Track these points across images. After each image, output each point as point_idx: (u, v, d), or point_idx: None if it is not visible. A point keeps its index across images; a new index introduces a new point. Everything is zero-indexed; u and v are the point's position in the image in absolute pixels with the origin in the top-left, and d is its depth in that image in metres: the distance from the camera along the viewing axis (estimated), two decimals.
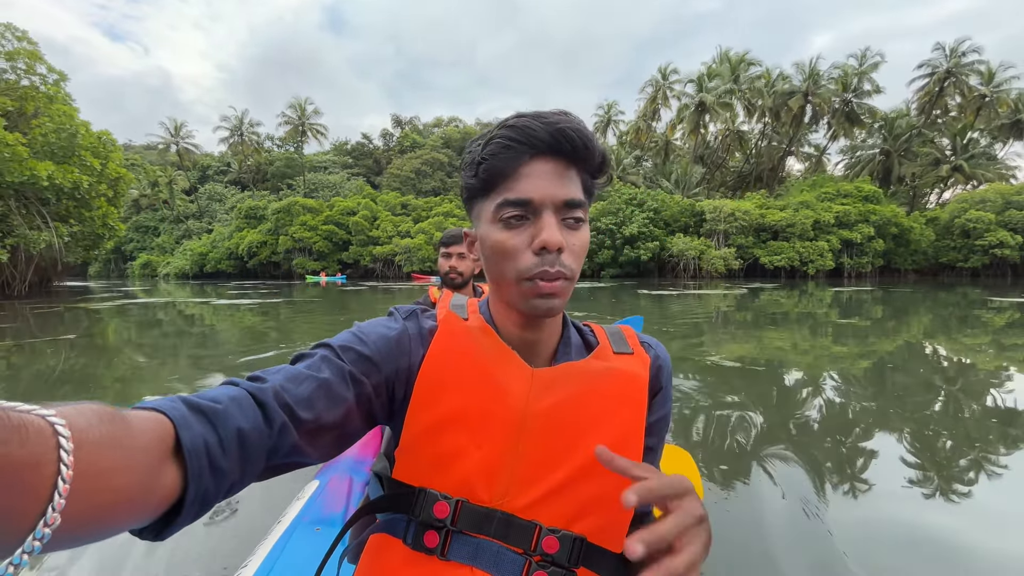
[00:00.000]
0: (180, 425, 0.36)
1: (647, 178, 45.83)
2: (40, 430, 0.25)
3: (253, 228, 43.45)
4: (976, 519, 2.02)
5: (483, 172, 0.53)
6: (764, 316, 9.80)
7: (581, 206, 0.53)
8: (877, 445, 2.82)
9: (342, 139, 65.57)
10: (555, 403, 0.55)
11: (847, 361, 5.29)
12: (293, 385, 0.47)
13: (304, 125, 50.26)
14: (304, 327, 8.37)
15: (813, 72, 38.00)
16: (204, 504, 0.38)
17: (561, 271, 0.52)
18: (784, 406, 3.69)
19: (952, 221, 32.45)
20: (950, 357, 5.61)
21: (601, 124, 49.82)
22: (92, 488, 0.28)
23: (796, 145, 44.22)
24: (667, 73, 43.30)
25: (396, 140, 60.80)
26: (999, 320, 8.86)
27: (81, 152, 14.75)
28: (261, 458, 0.43)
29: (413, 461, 0.54)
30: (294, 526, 1.21)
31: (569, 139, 0.51)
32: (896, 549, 1.79)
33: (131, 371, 4.95)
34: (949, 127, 38.19)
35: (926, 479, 2.40)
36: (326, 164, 59.25)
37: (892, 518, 2.01)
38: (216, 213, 53.35)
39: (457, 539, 0.52)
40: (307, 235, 40.62)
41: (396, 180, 51.14)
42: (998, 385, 4.21)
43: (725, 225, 33.43)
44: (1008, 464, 2.55)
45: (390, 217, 41.51)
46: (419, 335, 0.58)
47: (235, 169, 58.06)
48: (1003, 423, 3.19)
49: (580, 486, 0.54)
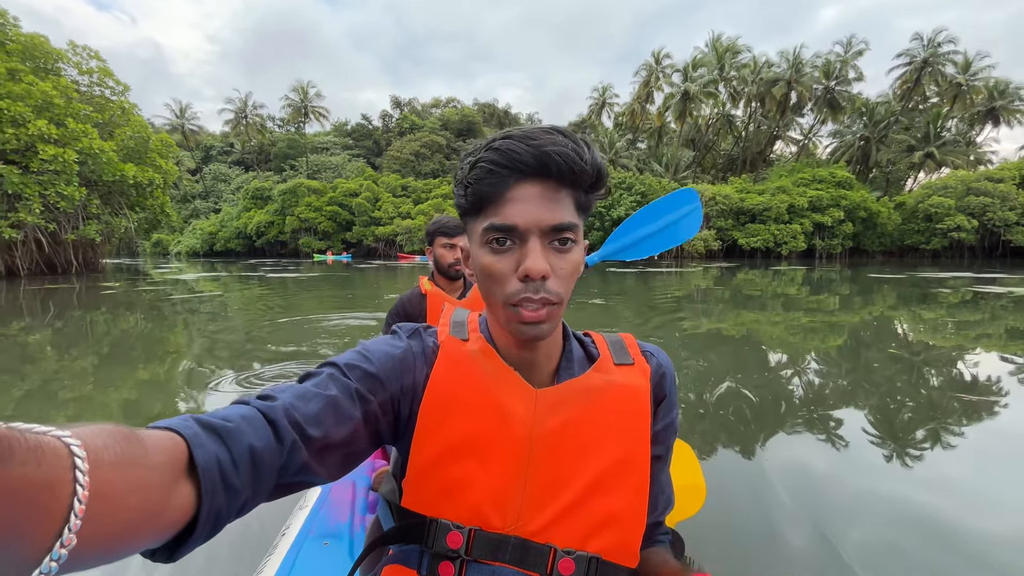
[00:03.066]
0: (193, 444, 0.38)
1: (640, 160, 49.48)
2: (56, 451, 0.26)
3: (260, 208, 47.32)
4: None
5: (470, 195, 0.55)
6: (739, 294, 11.15)
7: (571, 228, 0.53)
8: (855, 414, 3.15)
9: (342, 119, 68.87)
10: (560, 423, 0.57)
11: (808, 333, 6.06)
12: (302, 403, 0.49)
13: (307, 108, 53.77)
14: (362, 291, 12.62)
15: (796, 60, 41.30)
16: (217, 524, 0.40)
17: (546, 297, 0.53)
18: (758, 373, 4.15)
19: (916, 206, 36.33)
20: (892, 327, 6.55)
21: (596, 107, 53.27)
22: (108, 508, 0.28)
23: (783, 130, 47.75)
24: (660, 58, 46.51)
25: (395, 122, 64.20)
26: (909, 292, 11.11)
27: (151, 154, 18.95)
28: (272, 476, 0.45)
29: (422, 490, 0.56)
30: (301, 539, 1.22)
31: (556, 163, 0.51)
32: (887, 523, 1.90)
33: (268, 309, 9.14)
34: (925, 115, 41.72)
35: (884, 442, 2.66)
36: (327, 145, 62.65)
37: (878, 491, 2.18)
38: (222, 193, 57.23)
39: (472, 568, 0.54)
40: (312, 215, 44.51)
41: (396, 162, 54.77)
42: (929, 349, 5.14)
43: (706, 208, 37.38)
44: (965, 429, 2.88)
45: (391, 198, 45.32)
46: (423, 354, 0.60)
47: (238, 150, 61.68)
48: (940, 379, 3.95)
49: (591, 504, 0.56)
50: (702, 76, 41.20)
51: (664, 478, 0.67)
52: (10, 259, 16.65)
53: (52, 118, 15.73)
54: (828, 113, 43.91)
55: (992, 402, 3.43)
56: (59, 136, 15.53)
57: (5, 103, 14.57)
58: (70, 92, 16.88)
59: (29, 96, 15.20)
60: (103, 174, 16.77)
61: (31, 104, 15.23)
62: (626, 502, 0.56)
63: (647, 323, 6.95)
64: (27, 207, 15.15)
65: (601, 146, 45.50)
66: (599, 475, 0.56)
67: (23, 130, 14.89)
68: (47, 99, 15.56)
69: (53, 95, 15.69)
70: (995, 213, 33.23)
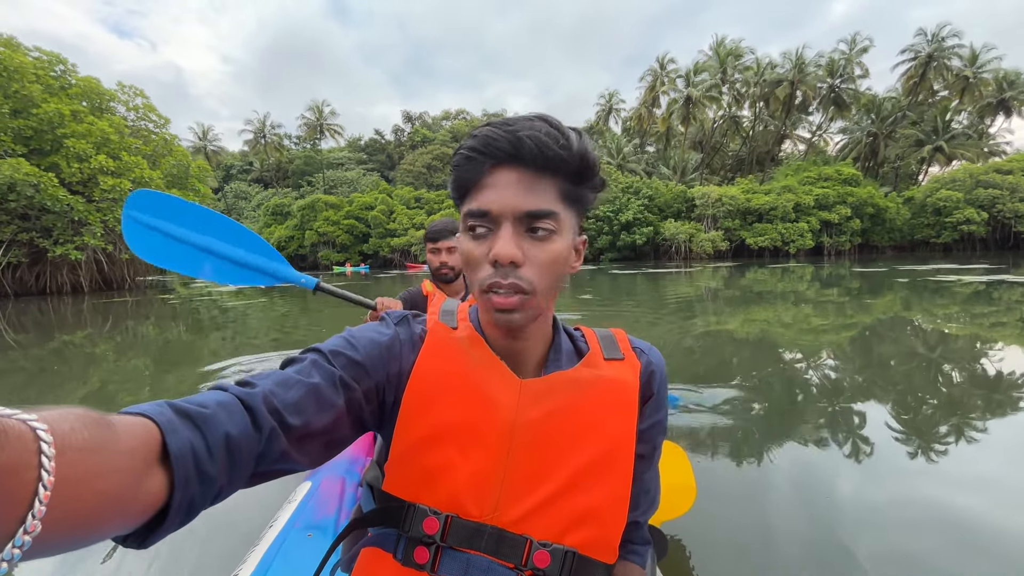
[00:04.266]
0: (167, 430, 0.37)
1: (649, 164, 50.93)
2: (20, 435, 0.26)
3: (281, 224, 50.10)
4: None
5: (454, 182, 0.57)
6: (751, 292, 11.38)
7: (549, 216, 0.53)
8: (868, 412, 3.16)
9: (355, 135, 72.02)
10: (544, 415, 0.57)
11: (819, 332, 6.01)
12: (282, 390, 0.48)
13: (323, 126, 56.73)
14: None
15: (799, 60, 42.46)
16: (190, 511, 0.39)
17: (516, 283, 0.52)
18: (757, 371, 4.17)
19: (925, 200, 36.99)
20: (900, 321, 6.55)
21: (603, 113, 55.00)
22: (75, 494, 0.28)
23: (790, 129, 48.76)
24: (664, 63, 48.10)
25: (407, 135, 66.91)
26: (903, 289, 11.10)
27: (192, 180, 21.35)
28: (249, 464, 0.44)
29: (403, 474, 0.56)
30: (286, 531, 1.24)
31: (529, 148, 0.51)
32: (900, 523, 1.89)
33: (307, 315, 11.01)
34: (933, 109, 42.37)
35: (910, 439, 2.70)
36: (342, 160, 65.62)
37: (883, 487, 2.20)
38: (243, 210, 60.40)
39: (447, 555, 0.54)
40: (330, 229, 47.00)
41: (409, 175, 57.22)
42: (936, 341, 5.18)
43: (713, 210, 38.62)
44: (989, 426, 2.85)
45: (405, 210, 47.56)
46: (410, 341, 0.60)
47: (257, 168, 65.01)
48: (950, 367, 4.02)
49: (570, 498, 0.56)
50: (704, 81, 42.65)
51: (649, 477, 0.67)
52: (74, 277, 19.04)
53: (109, 152, 18.10)
54: (835, 111, 44.86)
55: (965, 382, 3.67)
56: (115, 168, 17.87)
57: (71, 141, 16.96)
58: (122, 128, 19.29)
59: (90, 134, 17.60)
60: None
61: (92, 141, 17.61)
62: (606, 498, 0.57)
63: (659, 322, 7.19)
64: (90, 231, 17.47)
65: (609, 152, 47.11)
66: (580, 469, 0.57)
67: (86, 164, 17.27)
68: (104, 136, 17.96)
69: (109, 132, 18.08)
70: (1005, 205, 33.81)
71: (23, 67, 16.69)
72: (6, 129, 16.04)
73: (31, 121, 16.48)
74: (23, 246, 17.42)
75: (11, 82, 16.32)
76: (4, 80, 16.20)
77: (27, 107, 16.58)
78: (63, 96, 18.16)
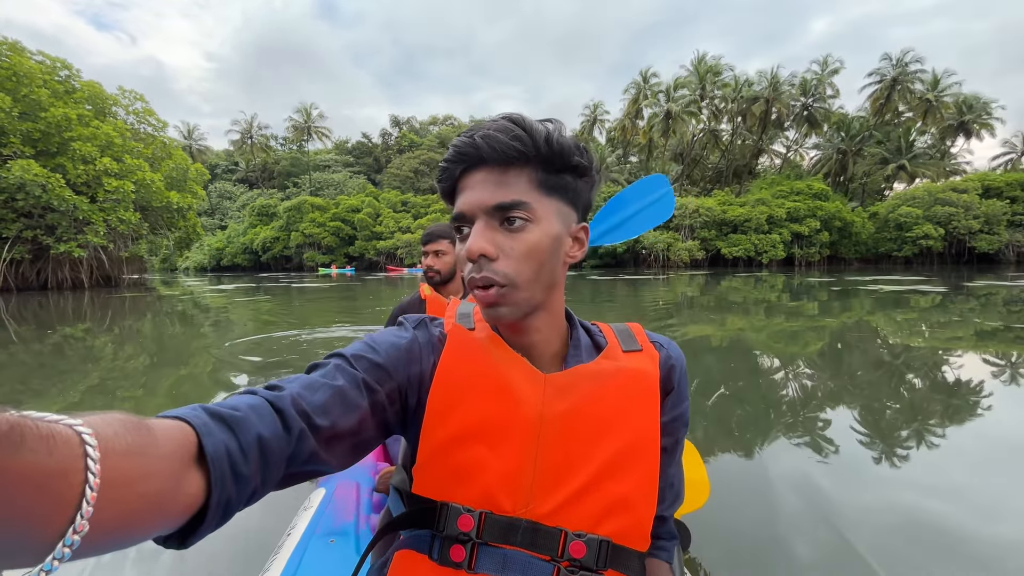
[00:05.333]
0: (202, 432, 0.39)
1: (631, 174, 53.14)
2: (68, 440, 0.27)
3: (266, 225, 50.90)
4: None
5: (441, 195, 0.61)
6: (724, 300, 12.21)
7: (518, 207, 0.55)
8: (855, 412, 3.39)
9: (342, 137, 73.21)
10: (569, 407, 0.59)
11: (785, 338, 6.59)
12: (309, 393, 0.50)
13: (310, 128, 57.82)
14: (372, 299, 15.91)
15: (774, 79, 45.20)
16: (227, 511, 0.41)
17: (489, 277, 0.55)
18: (757, 375, 4.51)
19: (888, 216, 39.72)
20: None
21: (588, 123, 57.22)
22: (119, 496, 0.30)
23: (767, 143, 51.56)
24: (647, 76, 50.53)
25: (395, 140, 68.32)
26: (823, 296, 14.97)
27: (190, 183, 22.57)
28: (281, 465, 0.46)
29: (432, 475, 0.57)
30: (307, 538, 1.25)
31: (486, 146, 0.54)
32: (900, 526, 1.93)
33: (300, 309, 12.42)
34: (898, 129, 45.45)
35: (875, 441, 2.85)
36: (329, 163, 66.69)
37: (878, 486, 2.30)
38: (228, 210, 60.96)
39: (484, 551, 0.55)
40: (316, 231, 48.00)
41: (396, 179, 58.56)
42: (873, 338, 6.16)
43: (690, 220, 40.82)
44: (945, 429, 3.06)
45: (391, 214, 48.86)
46: (429, 343, 0.63)
47: (242, 168, 65.62)
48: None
49: (601, 488, 0.57)
50: (684, 96, 45.07)
51: (673, 471, 0.68)
52: (75, 273, 20.07)
53: (113, 155, 19.26)
54: (807, 128, 47.73)
55: None
56: (119, 170, 19.03)
57: (78, 144, 18.09)
58: (124, 132, 20.45)
59: (95, 138, 18.75)
60: (152, 201, 20.33)
61: (97, 144, 18.76)
62: (636, 486, 0.58)
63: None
64: (93, 230, 18.57)
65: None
66: (609, 459, 0.58)
67: (91, 166, 18.41)
68: (108, 139, 19.11)
69: (113, 135, 19.25)
70: (959, 222, 36.59)
71: (31, 72, 17.83)
72: (16, 131, 17.10)
73: (39, 124, 17.59)
74: (26, 243, 18.44)
75: (20, 86, 17.42)
76: (13, 85, 17.29)
77: (35, 111, 17.68)
78: (68, 100, 19.26)
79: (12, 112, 16.65)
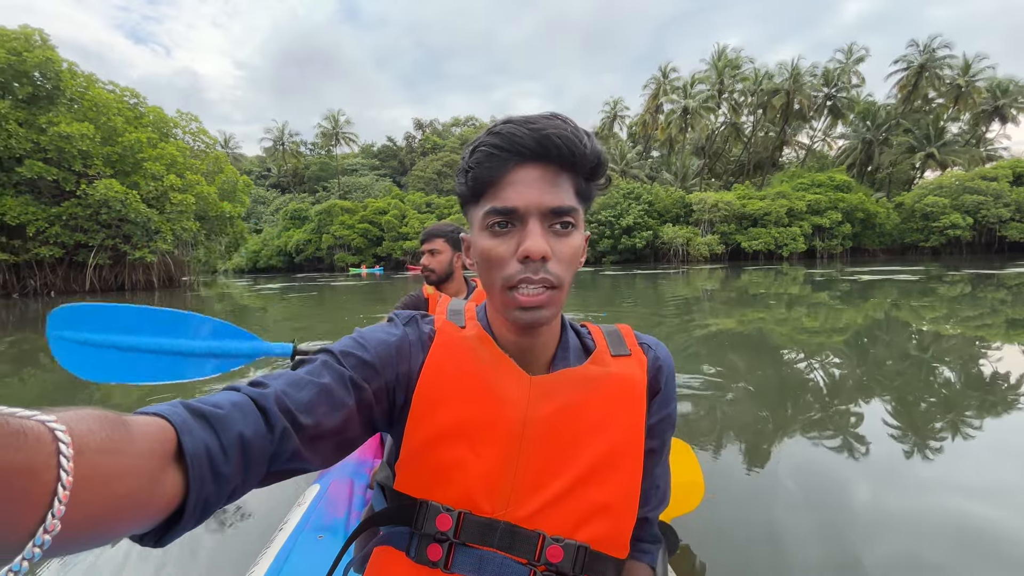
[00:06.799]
0: (182, 430, 0.39)
1: (652, 169, 54.41)
2: (39, 436, 0.27)
3: (299, 228, 54.47)
4: None
5: (471, 180, 0.58)
6: (745, 294, 12.44)
7: (570, 212, 0.56)
8: (867, 411, 3.30)
9: (368, 141, 76.98)
10: (554, 411, 0.60)
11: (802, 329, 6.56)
12: (294, 390, 0.50)
13: (338, 134, 61.38)
14: (402, 295, 18.29)
15: (795, 71, 45.78)
16: (205, 510, 0.41)
17: (546, 278, 0.55)
18: (763, 370, 4.52)
19: (914, 206, 39.85)
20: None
21: (608, 119, 58.73)
22: (93, 494, 0.29)
23: (791, 135, 51.97)
24: (667, 71, 51.74)
25: (418, 142, 71.46)
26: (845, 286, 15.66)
27: (240, 193, 25.82)
28: (263, 464, 0.46)
29: (414, 473, 0.58)
30: (297, 533, 1.28)
31: (556, 145, 0.54)
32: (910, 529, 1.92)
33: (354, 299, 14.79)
34: (927, 117, 45.29)
35: (905, 435, 2.79)
36: (356, 167, 70.34)
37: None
38: (262, 215, 65.14)
39: (460, 551, 0.56)
40: (346, 233, 51.11)
41: (420, 181, 61.46)
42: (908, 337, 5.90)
43: (710, 215, 42.00)
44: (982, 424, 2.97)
45: (416, 215, 51.59)
46: (419, 341, 0.63)
47: (274, 173, 69.88)
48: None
49: (581, 494, 0.58)
50: (702, 92, 46.17)
51: (659, 472, 0.69)
52: (146, 276, 23.44)
53: (176, 172, 22.42)
54: (832, 119, 48.04)
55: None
56: (182, 185, 22.17)
57: (149, 164, 21.27)
58: (185, 151, 23.66)
59: (162, 157, 21.91)
60: (209, 211, 23.58)
61: (163, 163, 21.92)
62: (617, 493, 0.59)
63: (662, 323, 7.63)
64: (162, 238, 21.77)
65: (612, 158, 50.69)
66: (591, 464, 0.58)
67: (159, 183, 21.58)
68: (172, 158, 22.27)
69: (176, 155, 22.41)
70: (989, 210, 36.64)
71: (107, 102, 21.06)
72: (99, 155, 20.29)
73: (117, 148, 20.80)
74: (107, 250, 21.79)
75: (99, 115, 20.63)
76: (95, 115, 20.51)
77: (112, 136, 20.90)
78: (138, 124, 22.52)
79: (95, 138, 19.81)
